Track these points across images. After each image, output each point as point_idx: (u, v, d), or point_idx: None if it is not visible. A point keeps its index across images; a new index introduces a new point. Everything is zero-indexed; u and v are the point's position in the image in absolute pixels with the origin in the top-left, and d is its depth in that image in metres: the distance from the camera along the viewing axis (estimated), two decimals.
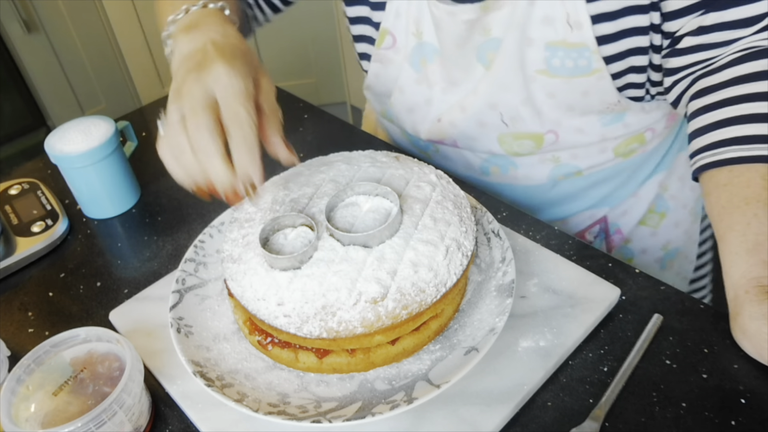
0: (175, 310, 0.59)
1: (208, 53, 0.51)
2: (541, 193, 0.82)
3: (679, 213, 0.86)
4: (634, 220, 0.85)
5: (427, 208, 0.56)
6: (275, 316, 0.51)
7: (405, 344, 0.53)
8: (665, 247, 0.88)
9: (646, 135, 0.77)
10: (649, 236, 0.86)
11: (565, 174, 0.80)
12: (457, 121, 0.76)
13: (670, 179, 0.84)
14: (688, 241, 0.90)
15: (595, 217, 0.85)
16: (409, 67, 0.76)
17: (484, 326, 0.55)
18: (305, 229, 0.55)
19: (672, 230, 0.87)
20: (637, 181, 0.83)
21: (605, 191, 0.82)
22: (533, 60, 0.67)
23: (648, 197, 0.84)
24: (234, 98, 0.48)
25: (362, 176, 0.60)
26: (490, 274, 0.60)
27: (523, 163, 0.79)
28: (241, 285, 0.53)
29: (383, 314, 0.49)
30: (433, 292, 0.51)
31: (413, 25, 0.73)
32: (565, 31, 0.64)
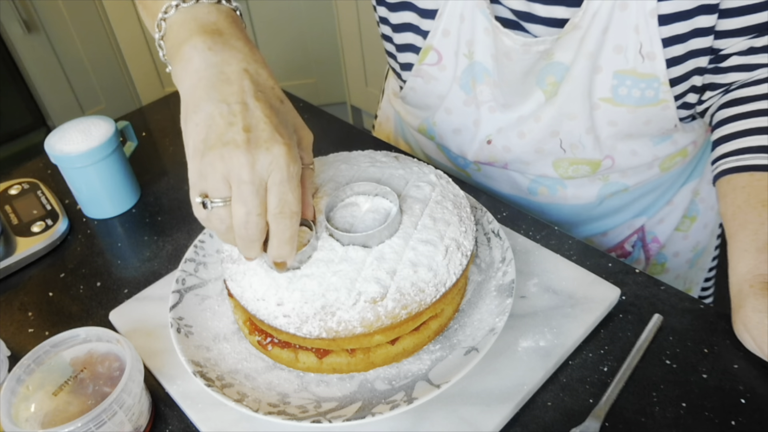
0: (175, 310, 0.59)
1: (253, 114, 0.44)
2: (588, 210, 0.82)
3: (707, 215, 0.87)
4: (671, 227, 0.85)
5: (426, 208, 0.56)
6: (275, 316, 0.51)
7: (405, 344, 0.53)
8: (695, 248, 0.89)
9: (689, 149, 0.78)
10: (681, 240, 0.87)
11: (613, 192, 0.80)
12: (514, 146, 0.75)
13: (702, 184, 0.84)
14: (711, 236, 0.91)
15: (634, 227, 0.85)
16: (459, 88, 0.74)
17: (484, 326, 0.55)
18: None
19: (701, 231, 0.88)
20: (673, 190, 0.83)
21: (646, 203, 0.83)
22: (599, 88, 0.66)
23: (683, 204, 0.84)
24: (288, 186, 0.45)
25: (362, 176, 0.60)
26: (490, 274, 0.60)
27: (572, 184, 0.79)
28: (241, 285, 0.53)
29: (383, 314, 0.49)
30: (433, 291, 0.51)
31: (465, 46, 0.70)
32: (635, 61, 0.63)
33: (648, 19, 0.60)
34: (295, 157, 0.45)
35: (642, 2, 0.59)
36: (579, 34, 0.63)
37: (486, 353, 0.52)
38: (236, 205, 0.44)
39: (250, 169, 0.43)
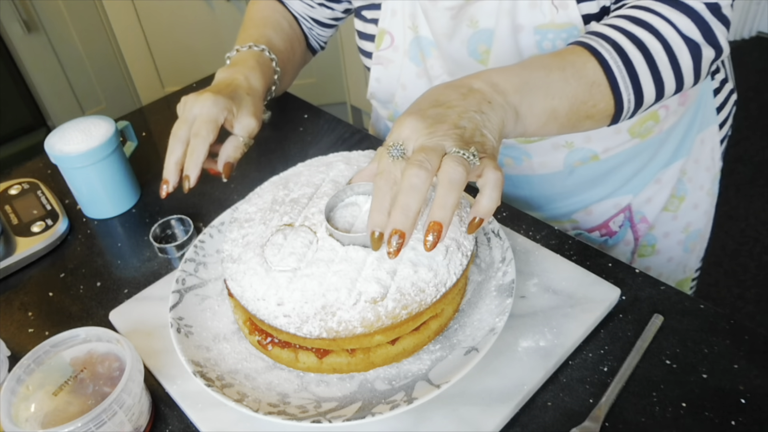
0: (175, 310, 0.59)
1: (213, 87, 0.71)
2: (559, 181, 0.82)
3: (696, 194, 0.87)
4: (659, 206, 0.86)
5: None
6: (275, 316, 0.51)
7: (405, 344, 0.53)
8: (686, 229, 0.89)
9: (660, 112, 0.77)
10: (670, 220, 0.87)
11: (581, 159, 0.79)
12: None
13: (688, 163, 0.85)
14: (708, 221, 0.91)
15: (620, 206, 0.84)
16: (410, 62, 0.77)
17: (484, 326, 0.55)
18: (305, 229, 0.55)
19: (691, 212, 0.88)
20: (657, 166, 0.83)
21: (625, 176, 0.82)
22: (526, 46, 0.68)
23: (670, 183, 0.85)
24: (201, 119, 0.66)
25: None
26: (490, 274, 0.60)
27: (536, 152, 0.79)
28: (241, 285, 0.53)
29: (383, 314, 0.49)
30: (433, 291, 0.51)
31: (409, 19, 0.74)
32: (552, 13, 0.65)
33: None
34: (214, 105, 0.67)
35: None
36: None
37: (486, 353, 0.52)
38: (176, 127, 0.68)
39: (189, 104, 0.68)
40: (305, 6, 0.86)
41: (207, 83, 1.09)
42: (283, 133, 0.93)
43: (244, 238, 0.57)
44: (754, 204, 2.00)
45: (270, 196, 0.60)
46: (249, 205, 0.61)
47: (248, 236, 0.57)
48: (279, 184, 0.62)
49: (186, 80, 1.14)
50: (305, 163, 0.65)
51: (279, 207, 0.58)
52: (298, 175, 0.62)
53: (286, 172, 0.64)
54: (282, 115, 0.97)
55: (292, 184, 0.61)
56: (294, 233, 0.54)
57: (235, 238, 0.58)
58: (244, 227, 0.58)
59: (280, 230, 0.55)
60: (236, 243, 0.57)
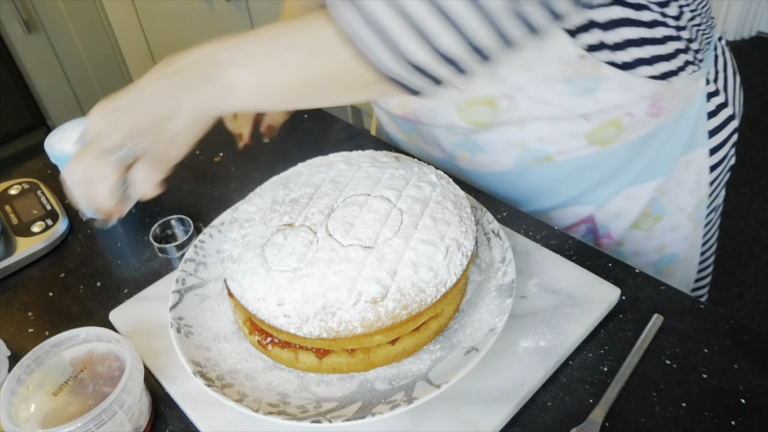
0: (175, 310, 0.59)
1: None
2: (513, 180, 0.80)
3: (675, 217, 0.84)
4: (627, 223, 0.82)
5: (427, 208, 0.56)
6: (275, 316, 0.51)
7: (405, 344, 0.53)
8: (659, 251, 0.86)
9: (623, 120, 0.73)
10: (642, 239, 0.84)
11: (534, 159, 0.77)
12: None
13: (669, 183, 0.81)
14: (690, 247, 0.87)
15: (580, 216, 0.82)
16: None
17: (484, 326, 0.55)
18: (305, 229, 0.55)
19: (668, 234, 0.85)
20: (626, 179, 0.79)
21: (585, 184, 0.79)
22: None
23: (643, 201, 0.81)
24: None
25: (362, 176, 0.60)
26: (490, 274, 0.60)
27: (489, 147, 0.77)
28: (241, 285, 0.53)
29: (383, 314, 0.49)
30: (433, 292, 0.51)
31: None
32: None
33: None
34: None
35: None
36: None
37: (486, 353, 0.52)
38: None
39: None
40: None
41: None
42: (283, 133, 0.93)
43: (244, 238, 0.57)
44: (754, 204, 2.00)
45: (270, 196, 0.60)
46: (249, 205, 0.61)
47: (248, 236, 0.57)
48: (279, 184, 0.62)
49: None
50: (305, 163, 0.65)
51: (279, 207, 0.58)
52: (298, 175, 0.62)
53: (286, 172, 0.64)
54: None
55: (292, 184, 0.61)
56: (294, 233, 0.54)
57: (235, 238, 0.57)
58: (244, 227, 0.58)
59: (281, 230, 0.55)
60: (236, 243, 0.57)
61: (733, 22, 2.85)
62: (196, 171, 0.87)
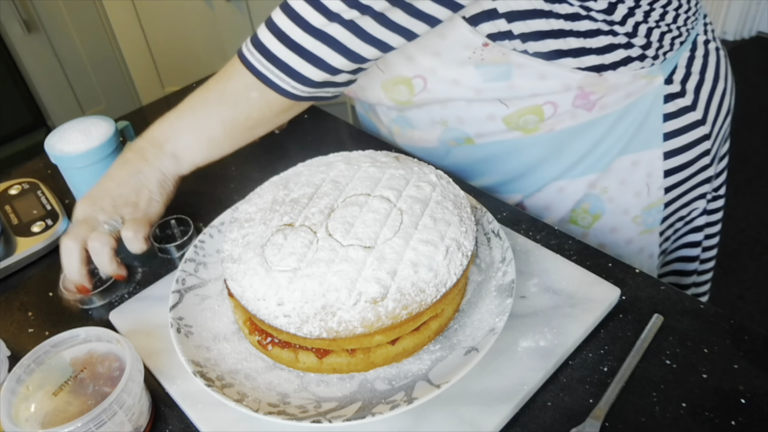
0: (175, 310, 0.59)
1: None
2: (438, 158, 0.82)
3: (616, 218, 0.81)
4: (558, 215, 0.81)
5: (427, 208, 0.56)
6: (275, 316, 0.51)
7: (405, 344, 0.53)
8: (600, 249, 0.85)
9: (545, 109, 0.72)
10: (579, 236, 0.81)
11: (455, 139, 0.78)
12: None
13: (609, 181, 0.79)
14: (639, 254, 0.85)
15: (510, 202, 0.81)
16: None
17: (484, 326, 0.55)
18: (305, 229, 0.55)
19: (607, 234, 0.82)
20: (554, 171, 0.78)
21: (509, 170, 0.79)
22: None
23: (575, 196, 0.80)
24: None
25: (362, 176, 0.60)
26: (490, 274, 0.60)
27: (417, 122, 0.80)
28: (241, 285, 0.53)
29: (383, 314, 0.49)
30: (433, 292, 0.51)
31: None
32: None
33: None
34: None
35: None
36: None
37: (486, 353, 0.52)
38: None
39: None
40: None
41: None
42: (283, 133, 0.93)
43: (244, 238, 0.57)
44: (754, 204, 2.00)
45: (270, 196, 0.60)
46: (249, 205, 0.61)
47: (248, 236, 0.57)
48: (279, 184, 0.62)
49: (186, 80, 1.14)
50: (305, 163, 0.65)
51: (279, 207, 0.58)
52: (298, 175, 0.62)
53: (286, 172, 0.64)
54: None
55: (292, 184, 0.61)
56: (294, 233, 0.54)
57: (235, 238, 0.58)
58: (244, 227, 0.58)
59: (280, 230, 0.55)
60: (236, 243, 0.57)
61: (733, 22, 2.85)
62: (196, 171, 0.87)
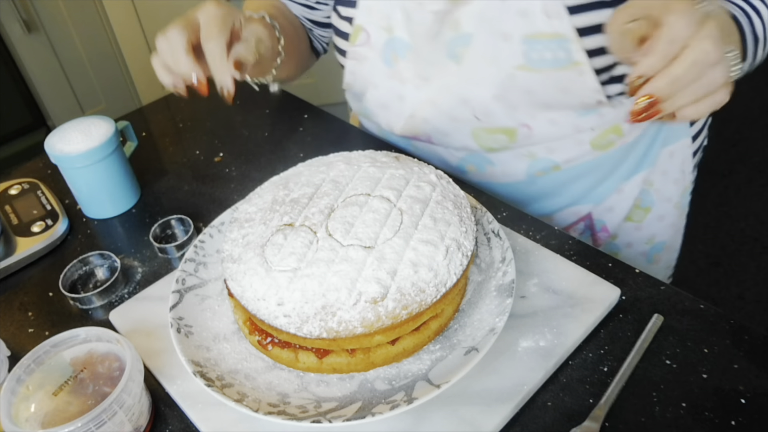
0: (175, 310, 0.59)
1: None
2: (520, 189, 0.82)
3: (663, 206, 0.86)
4: (620, 216, 0.85)
5: (427, 208, 0.56)
6: (275, 316, 0.51)
7: (405, 344, 0.53)
8: (650, 240, 0.88)
9: (623, 127, 0.76)
10: (633, 230, 0.87)
11: (543, 169, 0.79)
12: (430, 116, 0.76)
13: (654, 175, 0.84)
14: (675, 234, 0.91)
15: (580, 214, 0.84)
16: (382, 63, 0.76)
17: (484, 326, 0.54)
18: (305, 229, 0.55)
19: (656, 224, 0.87)
20: (619, 176, 0.82)
21: (586, 186, 0.82)
22: (510, 55, 0.67)
23: (633, 193, 0.84)
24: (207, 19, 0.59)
25: (362, 176, 0.60)
26: (490, 274, 0.60)
27: (499, 160, 0.79)
28: (241, 285, 0.53)
29: (383, 314, 0.49)
30: (433, 292, 0.51)
31: (384, 19, 0.73)
32: (542, 22, 0.64)
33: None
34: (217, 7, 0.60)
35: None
36: (479, 2, 0.65)
37: (486, 353, 0.52)
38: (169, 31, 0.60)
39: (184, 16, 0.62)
40: (303, 9, 0.85)
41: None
42: (283, 133, 0.93)
43: (244, 238, 0.57)
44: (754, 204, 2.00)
45: (270, 196, 0.60)
46: (249, 205, 0.61)
47: (248, 236, 0.56)
48: (279, 184, 0.62)
49: None
50: (305, 163, 0.65)
51: (279, 207, 0.58)
52: (298, 175, 0.62)
53: (286, 172, 0.64)
54: (282, 115, 0.97)
55: (292, 184, 0.61)
56: (294, 233, 0.54)
57: (235, 238, 0.57)
58: (244, 227, 0.58)
59: (280, 230, 0.55)
60: (236, 243, 0.57)
61: None
62: (196, 171, 0.87)
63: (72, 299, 0.68)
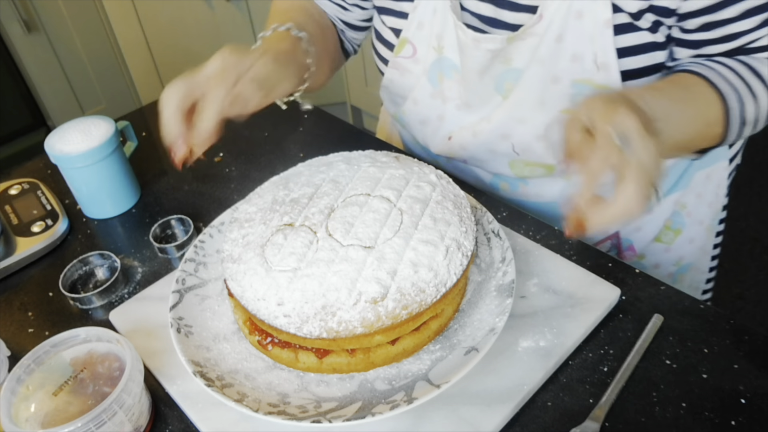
0: (175, 310, 0.59)
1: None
2: (551, 208, 0.81)
3: (694, 229, 0.85)
4: (649, 236, 0.84)
5: (427, 208, 0.56)
6: (275, 316, 0.51)
7: (405, 344, 0.53)
8: (678, 263, 0.87)
9: None
10: (662, 252, 0.86)
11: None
12: (468, 144, 0.76)
13: (688, 197, 0.83)
14: (702, 255, 0.89)
15: (607, 232, 0.83)
16: (426, 81, 0.76)
17: (484, 326, 0.54)
18: (305, 229, 0.55)
19: (686, 246, 0.86)
20: None
21: None
22: (559, 98, 0.66)
23: (664, 214, 0.83)
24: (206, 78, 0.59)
25: (362, 176, 0.59)
26: (490, 274, 0.60)
27: (533, 183, 0.79)
28: (241, 285, 0.53)
29: (383, 314, 0.49)
30: (433, 292, 0.51)
31: (435, 39, 0.72)
32: (592, 70, 0.64)
33: (603, 29, 0.61)
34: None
35: (596, 12, 0.60)
36: (534, 41, 0.64)
37: (486, 353, 0.52)
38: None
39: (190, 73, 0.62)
40: (337, 8, 0.83)
41: None
42: (283, 133, 0.93)
43: (244, 238, 0.57)
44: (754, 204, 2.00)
45: (270, 196, 0.60)
46: (249, 205, 0.61)
47: (248, 236, 0.56)
48: (279, 184, 0.62)
49: None
50: (305, 163, 0.65)
51: (279, 207, 0.58)
52: (299, 175, 0.62)
53: (287, 172, 0.64)
54: (282, 115, 0.97)
55: (292, 184, 0.61)
56: (294, 233, 0.54)
57: (235, 238, 0.57)
58: (244, 227, 0.58)
59: (281, 230, 0.55)
60: (236, 243, 0.57)
61: None
62: (196, 171, 0.87)
63: (72, 299, 0.68)
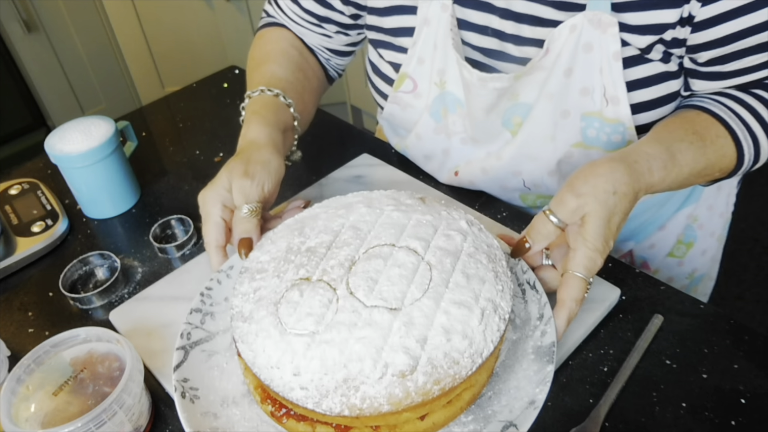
0: (179, 370, 0.53)
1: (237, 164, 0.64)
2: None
3: (706, 241, 0.85)
4: (663, 252, 0.83)
5: (458, 263, 0.50)
6: (291, 387, 0.45)
7: (435, 418, 0.48)
8: (691, 275, 0.87)
9: None
10: (675, 266, 0.85)
11: None
12: (477, 180, 0.75)
13: (699, 210, 0.82)
14: (713, 265, 0.89)
15: (620, 252, 0.83)
16: (429, 116, 0.74)
17: (522, 396, 0.49)
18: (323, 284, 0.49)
19: (698, 258, 0.85)
20: (664, 216, 0.81)
21: (632, 227, 0.80)
22: (570, 133, 0.66)
23: (676, 230, 0.82)
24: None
25: (385, 222, 0.54)
26: (527, 332, 0.54)
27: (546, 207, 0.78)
28: (253, 349, 0.48)
29: (412, 390, 0.44)
30: (468, 363, 0.46)
31: (437, 75, 0.70)
32: (601, 104, 0.63)
33: (611, 62, 0.60)
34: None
35: (604, 45, 0.59)
36: (542, 75, 0.63)
37: None
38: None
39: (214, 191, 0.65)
40: (321, 38, 0.81)
41: (207, 83, 1.09)
42: None
43: (255, 292, 0.51)
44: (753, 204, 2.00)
45: (284, 243, 0.55)
46: (261, 253, 0.55)
47: (260, 290, 0.51)
48: (294, 228, 0.56)
49: (186, 80, 1.14)
50: (322, 204, 0.59)
51: (294, 257, 0.52)
52: (315, 219, 0.57)
53: (301, 214, 0.59)
54: None
55: (308, 229, 0.55)
56: (311, 290, 0.49)
57: (246, 291, 0.52)
58: (255, 279, 0.52)
59: (296, 285, 0.50)
60: (247, 298, 0.51)
61: None
62: (196, 171, 0.87)
63: (72, 299, 0.68)
